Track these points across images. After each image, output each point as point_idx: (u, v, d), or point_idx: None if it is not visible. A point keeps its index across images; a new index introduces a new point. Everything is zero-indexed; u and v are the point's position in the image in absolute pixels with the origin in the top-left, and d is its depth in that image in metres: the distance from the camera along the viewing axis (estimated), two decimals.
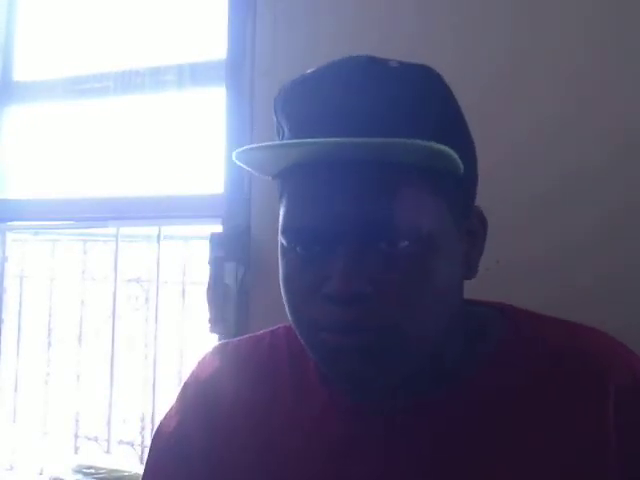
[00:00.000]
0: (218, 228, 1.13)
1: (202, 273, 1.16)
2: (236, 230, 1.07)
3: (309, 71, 0.56)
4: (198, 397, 0.68)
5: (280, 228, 0.54)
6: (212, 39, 1.30)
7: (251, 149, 0.51)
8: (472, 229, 0.58)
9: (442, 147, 0.47)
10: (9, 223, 1.47)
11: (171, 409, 0.70)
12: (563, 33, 0.92)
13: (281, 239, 0.54)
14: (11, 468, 1.53)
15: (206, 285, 1.12)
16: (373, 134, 0.47)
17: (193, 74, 1.31)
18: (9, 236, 1.50)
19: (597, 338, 0.59)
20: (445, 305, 0.54)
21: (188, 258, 1.74)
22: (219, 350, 0.70)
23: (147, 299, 1.71)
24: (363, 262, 0.49)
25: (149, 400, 1.47)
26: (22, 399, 1.65)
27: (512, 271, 0.90)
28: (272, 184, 0.59)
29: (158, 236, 1.40)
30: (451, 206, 0.54)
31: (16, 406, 1.63)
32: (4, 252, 1.48)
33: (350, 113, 0.50)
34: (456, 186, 0.54)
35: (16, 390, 1.62)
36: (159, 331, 1.45)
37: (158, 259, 1.41)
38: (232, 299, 1.09)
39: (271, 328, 0.71)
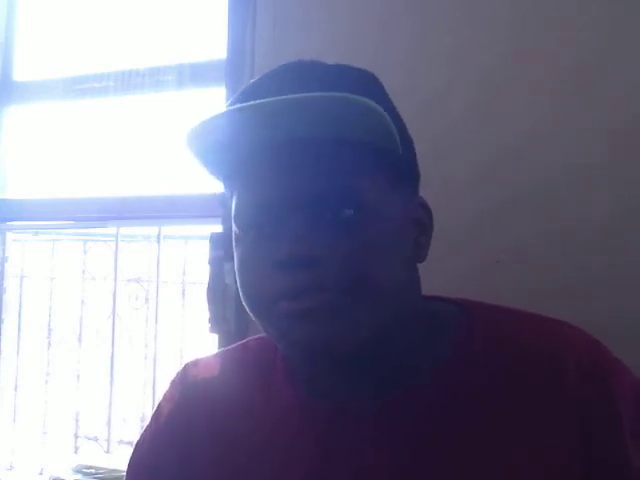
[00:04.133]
0: (218, 228, 1.13)
1: (202, 273, 1.16)
2: None
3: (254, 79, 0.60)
4: (171, 417, 0.69)
5: (233, 217, 0.57)
6: (212, 39, 1.30)
7: (196, 127, 0.52)
8: (418, 218, 0.60)
9: (378, 107, 0.50)
10: (9, 223, 1.47)
11: (146, 430, 0.71)
12: (563, 33, 0.92)
13: (235, 228, 0.57)
14: (11, 468, 1.53)
15: (206, 285, 1.12)
16: None
17: (193, 74, 1.31)
18: (9, 236, 1.50)
19: (558, 328, 0.59)
20: (397, 280, 0.55)
21: (188, 258, 1.75)
22: (190, 368, 0.71)
23: (147, 299, 1.72)
24: (313, 229, 0.52)
25: (149, 400, 1.47)
26: (22, 399, 1.65)
27: (512, 271, 0.90)
28: None
29: (158, 236, 1.40)
30: (393, 184, 0.56)
31: (16, 406, 1.63)
32: (4, 252, 1.48)
33: (296, 91, 0.52)
34: (396, 165, 0.56)
35: (16, 390, 1.62)
36: (159, 331, 1.45)
37: (158, 259, 1.41)
38: (232, 299, 1.09)
39: (242, 342, 0.72)
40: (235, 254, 0.58)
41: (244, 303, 0.57)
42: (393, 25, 1.01)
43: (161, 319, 1.46)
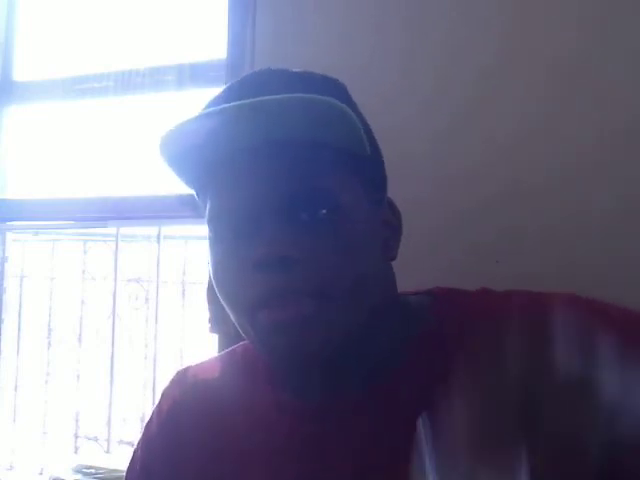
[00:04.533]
0: None
1: (202, 273, 1.16)
2: None
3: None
4: (161, 429, 0.70)
5: (207, 220, 0.57)
6: (212, 39, 1.30)
7: (175, 130, 0.52)
8: (387, 219, 0.61)
9: (352, 112, 0.51)
10: (9, 223, 1.47)
11: (139, 441, 0.72)
12: (561, 32, 0.92)
13: (209, 232, 0.57)
14: (11, 468, 1.53)
15: (206, 285, 1.12)
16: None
17: (193, 74, 1.31)
18: (9, 236, 1.50)
19: (529, 298, 0.59)
20: (371, 280, 0.55)
21: (188, 258, 1.75)
22: (179, 378, 0.72)
23: (147, 299, 1.72)
24: (290, 231, 0.52)
25: (149, 400, 1.47)
26: (22, 399, 1.65)
27: (512, 271, 0.90)
28: None
29: (158, 236, 1.40)
30: (365, 186, 0.57)
31: (16, 406, 1.63)
32: (4, 252, 1.48)
33: (264, 93, 0.53)
34: (366, 167, 0.58)
35: (16, 390, 1.62)
36: (159, 331, 1.45)
37: (158, 259, 1.41)
38: None
39: (231, 347, 0.73)
40: (210, 256, 0.58)
41: (224, 304, 0.57)
42: (391, 25, 1.01)
43: (161, 319, 1.46)
